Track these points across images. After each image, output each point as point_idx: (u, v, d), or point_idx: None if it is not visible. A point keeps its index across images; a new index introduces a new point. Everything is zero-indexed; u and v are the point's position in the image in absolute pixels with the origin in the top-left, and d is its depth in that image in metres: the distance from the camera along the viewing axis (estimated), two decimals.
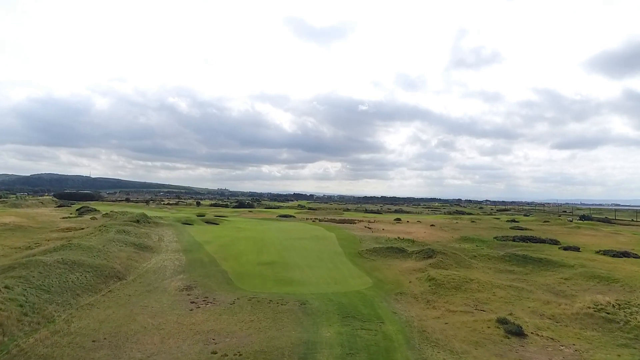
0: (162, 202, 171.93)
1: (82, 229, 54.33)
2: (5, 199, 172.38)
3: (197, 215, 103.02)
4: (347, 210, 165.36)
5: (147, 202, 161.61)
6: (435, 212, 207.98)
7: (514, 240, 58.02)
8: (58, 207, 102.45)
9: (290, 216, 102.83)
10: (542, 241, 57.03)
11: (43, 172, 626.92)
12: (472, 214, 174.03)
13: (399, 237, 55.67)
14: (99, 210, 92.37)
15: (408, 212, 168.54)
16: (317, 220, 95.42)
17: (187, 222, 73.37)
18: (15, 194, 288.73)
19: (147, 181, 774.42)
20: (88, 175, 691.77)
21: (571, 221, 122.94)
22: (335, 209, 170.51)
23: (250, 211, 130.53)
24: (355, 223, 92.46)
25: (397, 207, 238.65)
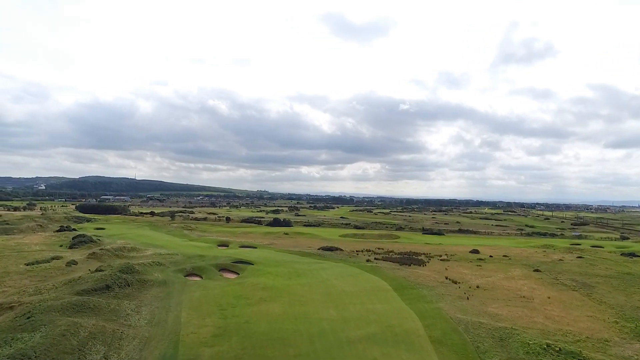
0: (190, 216, 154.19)
1: (11, 308, 33.57)
2: (29, 209, 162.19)
3: (218, 245, 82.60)
4: (400, 229, 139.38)
5: (172, 216, 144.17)
6: (502, 228, 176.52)
7: None
8: (57, 231, 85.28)
9: (337, 249, 79.45)
10: None
11: (89, 175, 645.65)
12: (555, 235, 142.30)
13: (548, 345, 30.18)
14: (96, 242, 73.60)
15: (475, 233, 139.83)
16: (374, 258, 71.44)
17: (194, 273, 51.95)
18: (53, 200, 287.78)
19: (189, 183, 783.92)
20: (132, 178, 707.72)
21: None
22: (387, 227, 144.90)
23: (286, 233, 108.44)
24: (425, 264, 67.74)
25: (454, 220, 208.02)
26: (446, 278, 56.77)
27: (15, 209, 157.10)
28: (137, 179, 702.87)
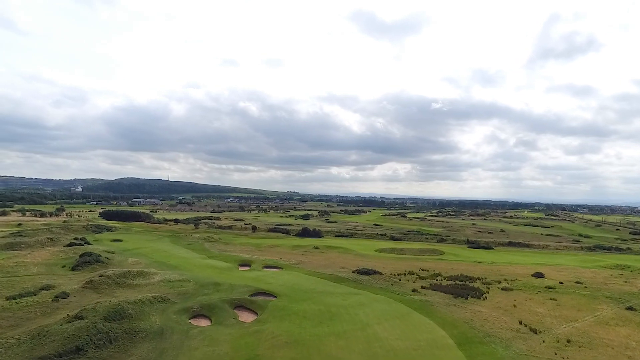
0: (215, 223, 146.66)
1: None
2: (56, 214, 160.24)
3: (239, 265, 73.26)
4: (442, 240, 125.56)
5: (196, 224, 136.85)
6: (554, 238, 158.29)
7: None
8: (67, 246, 78.51)
9: (375, 272, 68.10)
10: None
11: (124, 177, 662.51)
12: (621, 250, 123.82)
13: None
14: (103, 262, 65.80)
15: (528, 246, 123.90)
16: (420, 286, 59.44)
17: (202, 313, 42.07)
18: (85, 203, 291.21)
19: (220, 184, 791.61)
20: (166, 179, 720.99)
21: None
22: (426, 237, 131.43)
23: (316, 247, 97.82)
24: (484, 296, 55.18)
25: (497, 227, 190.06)
26: (520, 323, 44.09)
27: (42, 214, 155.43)
28: (170, 180, 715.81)
